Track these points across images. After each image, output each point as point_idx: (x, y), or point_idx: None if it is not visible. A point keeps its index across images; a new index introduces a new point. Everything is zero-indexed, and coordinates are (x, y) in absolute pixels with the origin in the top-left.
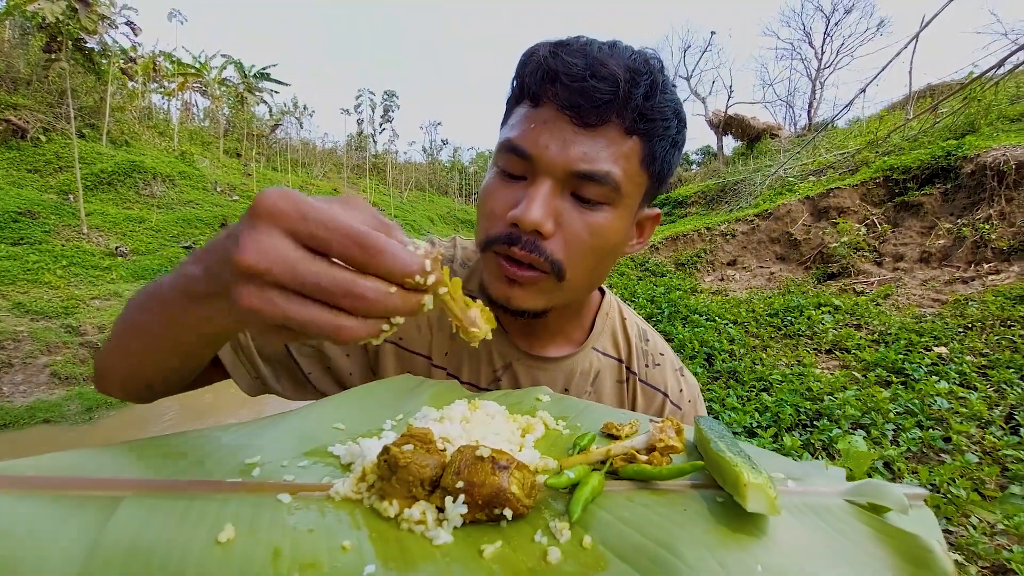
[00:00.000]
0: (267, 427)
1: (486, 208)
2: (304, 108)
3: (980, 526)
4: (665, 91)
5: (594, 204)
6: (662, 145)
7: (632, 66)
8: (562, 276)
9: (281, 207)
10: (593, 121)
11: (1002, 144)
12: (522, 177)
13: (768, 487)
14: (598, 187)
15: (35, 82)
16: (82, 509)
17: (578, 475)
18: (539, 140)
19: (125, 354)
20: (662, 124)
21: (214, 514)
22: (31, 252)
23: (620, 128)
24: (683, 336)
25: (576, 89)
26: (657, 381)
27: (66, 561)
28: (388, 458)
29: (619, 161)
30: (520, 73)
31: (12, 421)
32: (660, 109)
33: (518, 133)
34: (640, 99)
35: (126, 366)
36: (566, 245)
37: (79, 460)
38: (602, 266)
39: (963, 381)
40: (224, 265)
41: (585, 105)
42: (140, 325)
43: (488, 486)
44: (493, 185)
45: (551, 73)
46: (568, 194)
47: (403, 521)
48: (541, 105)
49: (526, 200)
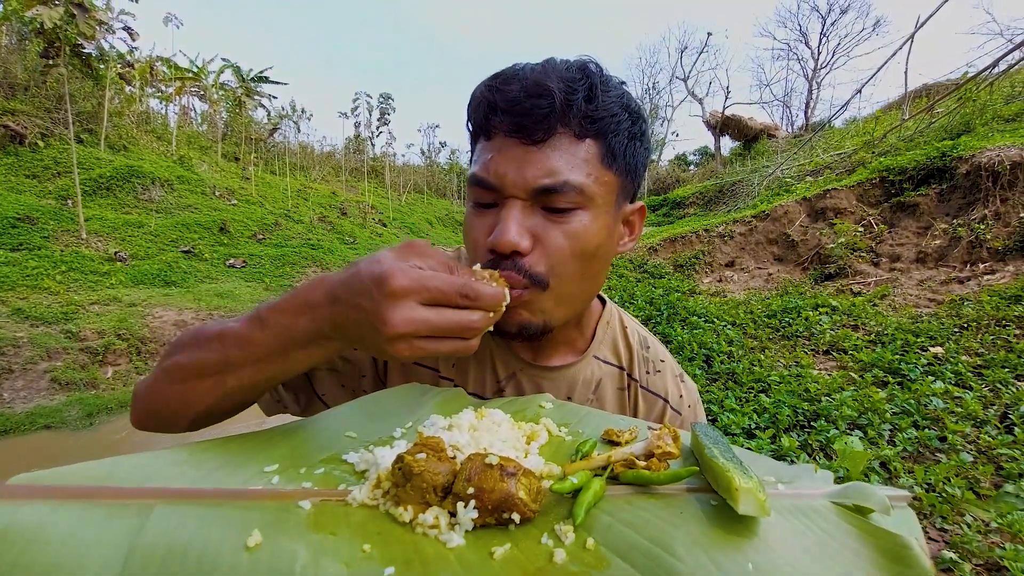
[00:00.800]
0: (282, 437)
1: (469, 240)
2: (302, 111)
3: (975, 524)
4: (608, 90)
5: (565, 212)
6: (618, 140)
7: (566, 76)
8: (545, 286)
9: (409, 285)
10: (540, 136)
11: (997, 144)
12: (493, 204)
13: (758, 491)
14: (562, 196)
15: (33, 87)
16: (116, 516)
17: (581, 480)
18: (497, 168)
19: (190, 391)
20: (611, 120)
21: (241, 520)
22: (30, 258)
23: (570, 135)
24: (682, 338)
25: (517, 112)
26: (658, 387)
27: (104, 566)
28: (403, 466)
29: (577, 167)
30: (469, 115)
31: (13, 427)
32: (606, 107)
33: (479, 167)
34: (582, 103)
35: (188, 402)
36: (547, 257)
37: (108, 469)
38: (592, 269)
39: (959, 381)
40: (373, 333)
41: (528, 124)
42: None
43: (497, 492)
44: (470, 217)
45: (491, 105)
46: (539, 209)
47: (418, 525)
48: (492, 136)
49: (499, 225)
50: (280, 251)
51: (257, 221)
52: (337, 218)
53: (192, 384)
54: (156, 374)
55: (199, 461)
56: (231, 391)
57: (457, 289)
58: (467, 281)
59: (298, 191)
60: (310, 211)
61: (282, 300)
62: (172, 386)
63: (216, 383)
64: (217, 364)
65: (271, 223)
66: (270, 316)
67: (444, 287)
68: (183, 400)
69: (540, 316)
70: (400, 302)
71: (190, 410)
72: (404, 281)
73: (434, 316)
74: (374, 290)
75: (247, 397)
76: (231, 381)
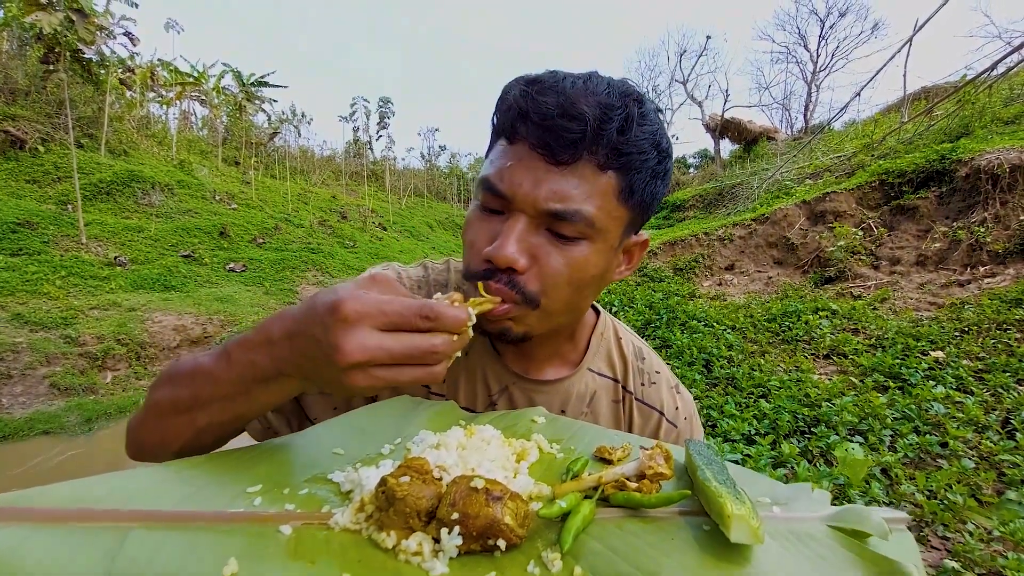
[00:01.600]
0: (267, 455)
1: (467, 240)
2: (302, 116)
3: (977, 532)
4: (643, 123)
5: (570, 240)
6: (640, 177)
7: (605, 102)
8: (536, 305)
9: (362, 309)
10: (565, 159)
11: (996, 147)
12: (500, 212)
13: (751, 517)
14: (571, 225)
15: (33, 93)
16: (92, 541)
17: (570, 504)
18: (512, 178)
19: (167, 428)
20: (639, 157)
21: (218, 546)
22: (30, 263)
23: (594, 164)
24: (682, 342)
25: (546, 128)
26: (653, 399)
27: None
28: (386, 490)
29: (593, 198)
30: (497, 110)
31: (12, 432)
32: (636, 142)
33: (494, 171)
34: (614, 134)
35: (166, 439)
36: (542, 279)
37: (87, 490)
38: (584, 295)
39: (960, 385)
40: (327, 365)
41: (555, 144)
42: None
43: (482, 517)
44: (473, 218)
45: (522, 112)
46: (544, 229)
47: (400, 552)
48: (515, 142)
49: (500, 238)
50: (280, 255)
51: (257, 225)
52: (337, 222)
53: (168, 421)
54: (143, 409)
55: (182, 480)
56: (203, 428)
57: (416, 311)
58: (426, 302)
59: (298, 195)
60: (310, 215)
61: (248, 335)
62: (153, 422)
63: (188, 421)
64: (187, 401)
65: (271, 227)
66: (235, 352)
67: (402, 309)
68: (162, 437)
69: (523, 328)
70: (353, 327)
71: (170, 446)
72: (357, 305)
73: (392, 341)
74: (327, 317)
75: (221, 433)
76: (201, 419)
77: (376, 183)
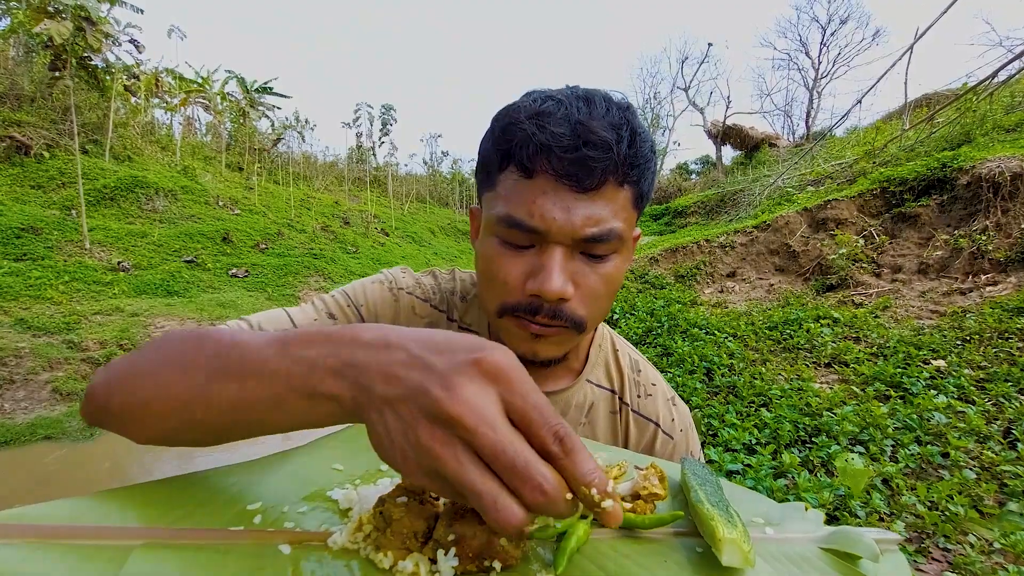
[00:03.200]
0: (267, 470)
1: (498, 277)
2: (306, 122)
3: (978, 544)
4: (640, 132)
5: (603, 257)
6: (647, 183)
7: (614, 122)
8: (583, 329)
9: (510, 373)
10: (591, 185)
11: (997, 155)
12: (529, 246)
13: (743, 541)
14: (605, 245)
15: (39, 99)
16: (94, 559)
17: (564, 526)
18: (544, 214)
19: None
20: (646, 166)
21: (219, 566)
22: (33, 268)
23: (614, 183)
24: (683, 350)
25: (571, 160)
26: (649, 412)
27: None
28: (383, 510)
29: (619, 214)
30: (503, 143)
31: (14, 438)
32: (643, 153)
33: (521, 209)
34: (625, 150)
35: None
36: (586, 301)
37: (86, 506)
38: (610, 303)
39: (961, 395)
40: (422, 398)
41: (582, 174)
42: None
43: (478, 538)
44: (500, 256)
45: (543, 147)
46: (578, 254)
47: (397, 573)
48: (536, 176)
49: (544, 272)
50: (283, 260)
51: (260, 231)
52: (340, 227)
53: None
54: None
55: (180, 499)
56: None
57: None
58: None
59: (301, 201)
60: (313, 221)
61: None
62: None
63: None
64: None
65: (274, 233)
66: (295, 343)
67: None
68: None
69: (563, 349)
70: (484, 382)
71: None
72: (511, 371)
73: (507, 430)
74: (462, 354)
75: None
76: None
77: (379, 189)
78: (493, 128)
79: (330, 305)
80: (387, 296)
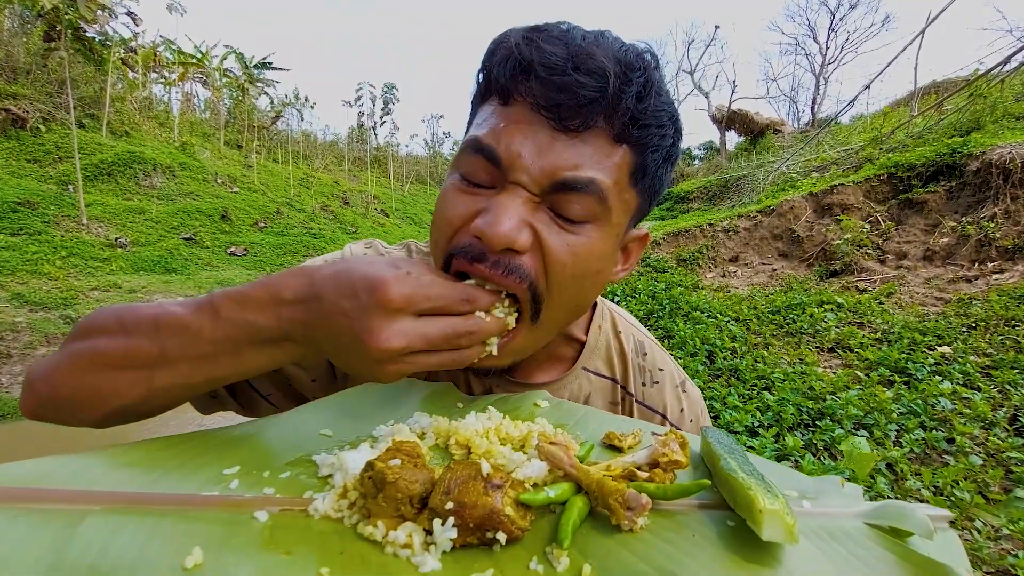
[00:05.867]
0: (251, 433)
1: (443, 216)
2: (305, 100)
3: (984, 530)
4: (660, 93)
5: (576, 222)
6: (655, 157)
7: (623, 59)
8: (539, 303)
9: (409, 294)
10: (576, 124)
11: (1008, 142)
12: (489, 187)
13: (785, 513)
14: (581, 198)
15: (35, 71)
16: (46, 524)
17: (560, 495)
18: (511, 144)
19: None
20: (657, 132)
21: (183, 534)
22: (30, 242)
23: (607, 134)
24: (684, 333)
25: (555, 84)
26: (655, 402)
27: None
28: (373, 474)
29: (606, 169)
30: (487, 64)
31: (11, 412)
32: (655, 114)
33: (486, 131)
34: (632, 100)
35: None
36: (546, 267)
37: (48, 468)
38: (583, 295)
39: (967, 381)
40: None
41: (566, 103)
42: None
43: (480, 507)
44: (452, 192)
45: (524, 64)
46: (546, 208)
47: (388, 544)
48: (512, 103)
49: (493, 209)
50: (282, 240)
51: (259, 209)
52: (339, 207)
53: (111, 375)
54: (63, 358)
55: (154, 461)
56: (160, 389)
57: (459, 295)
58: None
59: (300, 180)
60: (312, 200)
61: (245, 289)
62: (84, 375)
63: (143, 378)
64: (148, 356)
65: (273, 211)
66: (226, 307)
67: (445, 292)
68: (96, 393)
69: (510, 358)
70: (395, 315)
71: (104, 405)
72: (404, 290)
73: (431, 328)
74: (366, 297)
75: (178, 397)
76: (163, 378)
77: (379, 169)
78: (485, 52)
79: None
80: None
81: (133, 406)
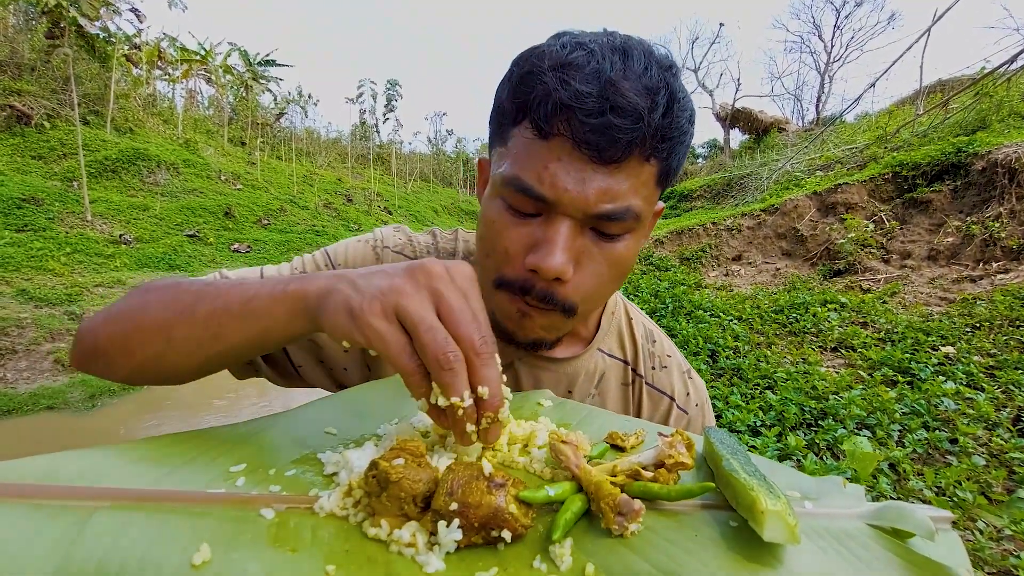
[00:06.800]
0: (257, 430)
1: (498, 246)
2: (309, 97)
3: (987, 531)
4: (680, 99)
5: (614, 237)
6: (677, 160)
7: (650, 85)
8: (573, 313)
9: (447, 278)
10: (614, 158)
11: (1014, 141)
12: (535, 215)
13: (787, 514)
14: (620, 223)
15: (39, 68)
16: (57, 520)
17: (559, 494)
18: (555, 182)
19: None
20: (680, 139)
21: (191, 530)
22: (35, 239)
23: (640, 157)
24: (687, 332)
25: (594, 127)
26: (664, 384)
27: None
28: (377, 474)
29: (639, 191)
30: (520, 94)
31: (16, 407)
32: (679, 124)
33: (530, 174)
34: (659, 120)
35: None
36: (584, 286)
37: (59, 464)
38: (619, 285)
39: (970, 382)
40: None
41: (605, 145)
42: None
43: (484, 507)
44: (503, 223)
45: (563, 107)
46: (588, 230)
47: (393, 543)
48: (552, 138)
49: (546, 246)
50: (285, 237)
51: (262, 206)
52: (342, 205)
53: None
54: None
55: (161, 458)
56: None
57: (480, 326)
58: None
59: (304, 177)
60: (315, 197)
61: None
62: (117, 326)
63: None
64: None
65: (276, 208)
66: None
67: (472, 311)
68: (125, 344)
69: (555, 333)
70: (426, 284)
71: (130, 357)
72: (441, 271)
73: (434, 319)
74: (403, 267)
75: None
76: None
77: (382, 167)
78: (511, 74)
79: (307, 263)
80: (369, 255)
81: (154, 359)
